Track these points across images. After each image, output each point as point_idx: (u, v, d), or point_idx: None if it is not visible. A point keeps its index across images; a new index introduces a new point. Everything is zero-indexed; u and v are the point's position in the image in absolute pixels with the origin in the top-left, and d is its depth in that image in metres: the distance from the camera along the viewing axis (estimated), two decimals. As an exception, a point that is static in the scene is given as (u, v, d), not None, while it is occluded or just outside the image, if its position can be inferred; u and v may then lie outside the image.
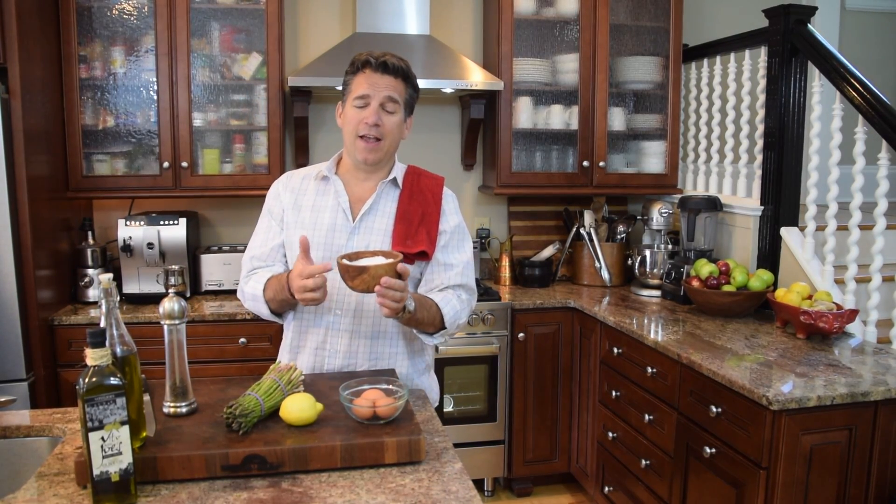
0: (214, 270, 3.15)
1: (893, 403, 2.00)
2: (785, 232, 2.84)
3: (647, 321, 2.79)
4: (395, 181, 1.84)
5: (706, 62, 3.41)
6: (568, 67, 3.43)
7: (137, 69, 3.04)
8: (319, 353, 1.81)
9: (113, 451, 1.20)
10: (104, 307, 1.29)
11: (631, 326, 2.71)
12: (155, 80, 3.03)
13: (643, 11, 3.48)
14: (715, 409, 2.15)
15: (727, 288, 2.75)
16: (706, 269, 2.84)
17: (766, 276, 2.76)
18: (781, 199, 2.85)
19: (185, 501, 1.25)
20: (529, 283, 3.49)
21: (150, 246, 2.98)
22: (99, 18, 3.00)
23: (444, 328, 1.78)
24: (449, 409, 3.16)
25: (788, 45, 2.79)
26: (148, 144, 3.10)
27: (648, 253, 3.32)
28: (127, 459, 1.22)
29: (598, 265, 3.48)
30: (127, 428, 1.21)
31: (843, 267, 2.67)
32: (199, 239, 3.35)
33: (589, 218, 3.52)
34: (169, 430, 1.41)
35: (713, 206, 3.10)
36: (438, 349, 3.06)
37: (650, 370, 2.55)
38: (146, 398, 1.39)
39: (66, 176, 2.98)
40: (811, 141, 2.74)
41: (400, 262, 1.57)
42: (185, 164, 3.06)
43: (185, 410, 1.49)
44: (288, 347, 1.86)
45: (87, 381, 1.18)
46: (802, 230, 2.80)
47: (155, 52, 3.00)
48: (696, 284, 2.84)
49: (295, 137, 3.36)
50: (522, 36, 3.41)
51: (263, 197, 1.93)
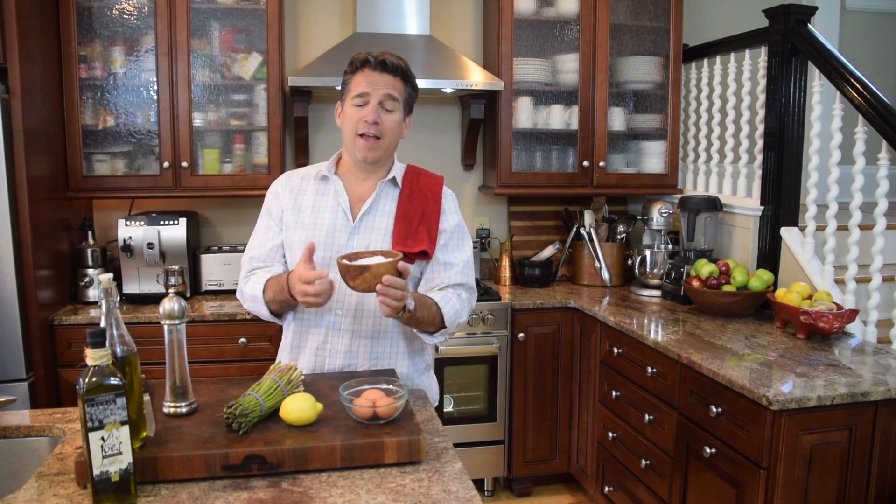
0: (214, 270, 3.15)
1: (893, 403, 2.00)
2: (785, 232, 2.84)
3: (647, 321, 2.79)
4: (394, 180, 1.84)
5: (706, 62, 3.41)
6: (568, 67, 3.43)
7: (137, 69, 3.04)
8: (320, 353, 1.81)
9: (113, 451, 1.20)
10: (104, 307, 1.29)
11: (631, 326, 2.71)
12: (155, 80, 3.03)
13: (643, 11, 3.48)
14: (715, 409, 2.15)
15: (727, 288, 2.75)
16: (706, 269, 2.84)
17: (766, 276, 2.76)
18: (781, 199, 2.85)
19: (185, 501, 1.25)
20: (529, 283, 3.49)
21: (150, 246, 2.98)
22: (99, 18, 3.00)
23: (444, 327, 1.78)
24: (449, 409, 3.16)
25: (788, 45, 2.79)
26: (148, 144, 3.10)
27: (648, 253, 3.32)
28: (127, 459, 1.22)
29: (598, 265, 3.48)
30: (127, 428, 1.21)
31: (843, 267, 2.67)
32: (199, 239, 3.35)
33: (589, 218, 3.52)
34: (169, 430, 1.41)
35: (713, 206, 3.10)
36: (438, 349, 3.06)
37: (650, 370, 2.55)
38: (146, 398, 1.39)
39: (66, 176, 2.98)
40: (811, 141, 2.74)
41: (400, 260, 1.58)
42: (185, 164, 3.06)
43: (185, 410, 1.49)
44: (288, 348, 1.86)
45: (87, 381, 1.18)
46: (802, 230, 2.80)
47: (155, 52, 3.00)
48: (696, 284, 2.84)
49: (295, 137, 3.36)
50: (522, 36, 3.41)
51: (263, 197, 1.93)
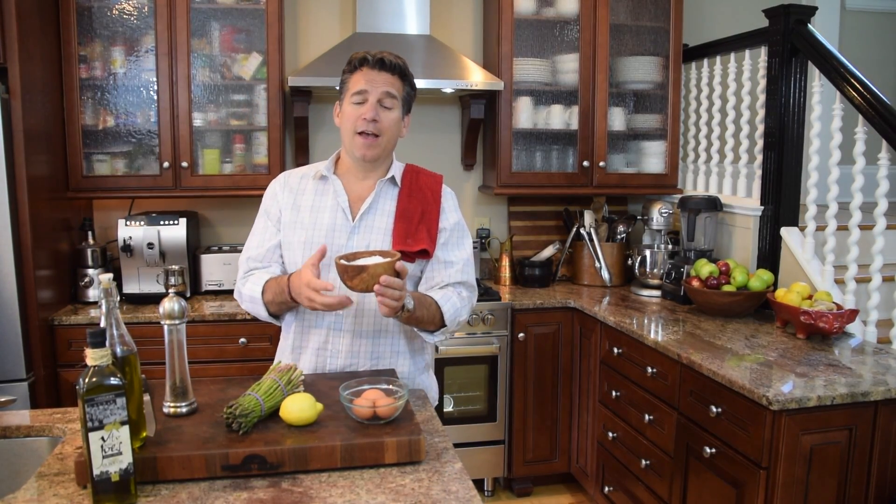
0: (214, 270, 3.15)
1: (893, 403, 2.00)
2: (785, 232, 2.84)
3: (647, 321, 2.79)
4: (393, 179, 1.84)
5: (706, 62, 3.41)
6: (568, 67, 3.43)
7: (137, 69, 3.04)
8: (321, 353, 1.81)
9: (113, 451, 1.20)
10: (104, 307, 1.29)
11: (631, 326, 2.71)
12: (155, 80, 3.03)
13: (643, 11, 3.48)
14: (715, 409, 2.15)
15: (727, 288, 2.75)
16: (706, 269, 2.84)
17: (766, 276, 2.76)
18: (781, 199, 2.85)
19: (185, 501, 1.25)
20: (529, 283, 3.49)
21: (150, 246, 2.98)
22: (99, 18, 3.00)
23: (444, 326, 1.78)
24: (449, 409, 3.16)
25: (788, 45, 2.79)
26: (148, 144, 3.10)
27: (648, 253, 3.32)
28: (127, 459, 1.22)
29: (598, 265, 3.48)
30: (127, 428, 1.21)
31: (843, 267, 2.67)
32: (199, 239, 3.35)
33: (589, 218, 3.52)
34: (169, 430, 1.41)
35: (713, 206, 3.10)
36: (438, 349, 3.07)
37: (650, 370, 2.55)
38: (146, 398, 1.39)
39: (66, 176, 2.98)
40: (811, 141, 2.74)
41: (398, 260, 1.58)
42: (185, 164, 3.06)
43: (185, 410, 1.49)
44: (290, 348, 1.86)
45: (87, 381, 1.18)
46: (802, 230, 2.80)
47: (155, 52, 3.00)
48: (696, 284, 2.84)
49: (295, 137, 3.36)
50: (522, 36, 3.41)
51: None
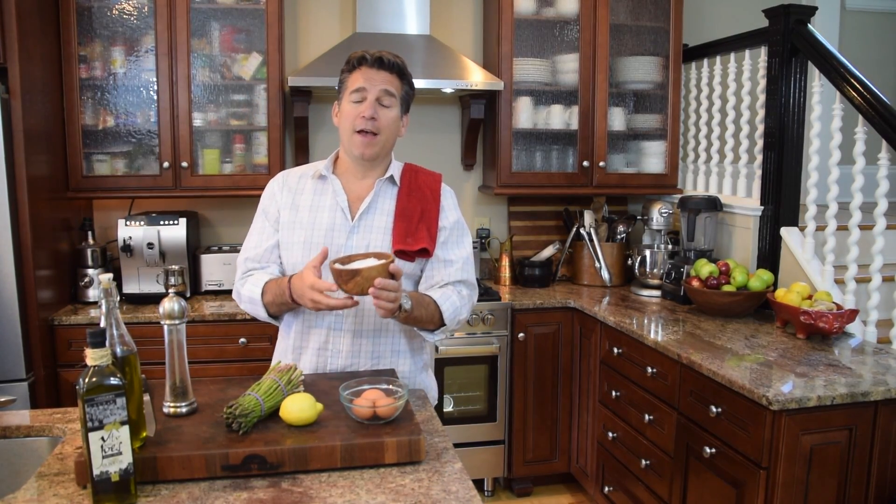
0: (214, 270, 3.15)
1: (893, 403, 2.00)
2: (785, 232, 2.84)
3: (647, 321, 2.79)
4: (392, 179, 1.84)
5: (706, 62, 3.41)
6: (568, 67, 3.43)
7: (137, 69, 3.04)
8: (322, 353, 1.81)
9: (113, 451, 1.20)
10: (104, 307, 1.29)
11: (631, 326, 2.71)
12: (155, 80, 3.03)
13: (643, 11, 3.48)
14: (715, 409, 2.15)
15: (727, 288, 2.75)
16: (706, 269, 2.84)
17: (766, 276, 2.76)
18: (781, 199, 2.85)
19: (185, 501, 1.25)
20: (529, 283, 3.49)
21: (150, 246, 2.98)
22: (99, 18, 3.00)
23: (443, 325, 1.78)
24: (449, 409, 3.16)
25: (788, 45, 2.79)
26: (148, 144, 3.10)
27: (648, 253, 3.32)
28: (127, 459, 1.22)
29: (598, 265, 3.48)
30: (127, 428, 1.21)
31: (843, 267, 2.67)
32: (199, 239, 3.35)
33: (589, 218, 3.52)
34: (169, 430, 1.41)
35: (713, 206, 3.10)
36: (438, 349, 3.07)
37: (650, 370, 2.55)
38: (146, 398, 1.39)
39: (66, 176, 2.98)
40: (811, 141, 2.74)
41: (392, 262, 1.58)
42: (185, 164, 3.06)
43: (185, 410, 1.49)
44: (290, 349, 1.86)
45: (87, 381, 1.18)
46: (802, 230, 2.80)
47: (155, 52, 3.00)
48: (696, 284, 2.84)
49: (295, 137, 3.36)
50: (522, 36, 3.41)
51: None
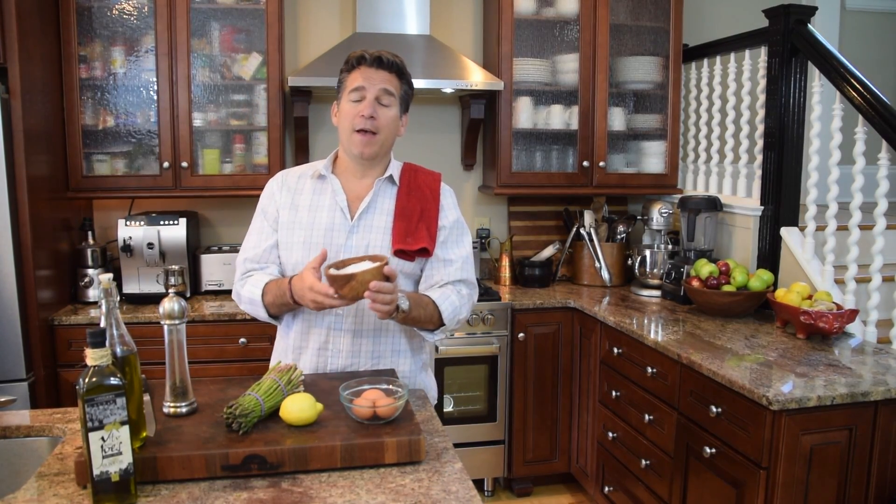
0: (214, 270, 3.15)
1: (893, 403, 2.00)
2: (785, 232, 2.84)
3: (647, 321, 2.79)
4: (391, 178, 1.84)
5: (706, 62, 3.41)
6: (568, 67, 3.43)
7: (137, 69, 3.04)
8: (322, 353, 1.81)
9: (113, 451, 1.20)
10: (104, 307, 1.29)
11: (631, 326, 2.71)
12: (155, 80, 3.03)
13: (643, 11, 3.48)
14: (715, 409, 2.15)
15: (727, 288, 2.75)
16: (706, 269, 2.84)
17: (766, 276, 2.76)
18: (781, 199, 2.85)
19: (185, 501, 1.25)
20: (529, 283, 3.49)
21: (150, 246, 2.98)
22: (99, 18, 3.00)
23: (443, 325, 1.78)
24: (449, 409, 3.16)
25: (788, 45, 2.79)
26: (148, 144, 3.10)
27: (648, 253, 3.32)
28: (127, 459, 1.22)
29: (598, 265, 3.48)
30: (127, 428, 1.21)
31: (843, 267, 2.67)
32: (199, 239, 3.35)
33: (589, 218, 3.52)
34: (169, 430, 1.41)
35: (713, 206, 3.10)
36: (438, 349, 3.07)
37: (650, 370, 2.55)
38: (146, 398, 1.39)
39: (66, 176, 2.98)
40: (811, 141, 2.74)
41: (386, 264, 1.58)
42: (185, 164, 3.06)
43: (185, 410, 1.49)
44: (290, 348, 1.86)
45: (87, 381, 1.18)
46: (802, 230, 2.80)
47: (155, 52, 3.00)
48: (696, 284, 2.84)
49: (295, 137, 3.36)
50: (522, 36, 3.41)
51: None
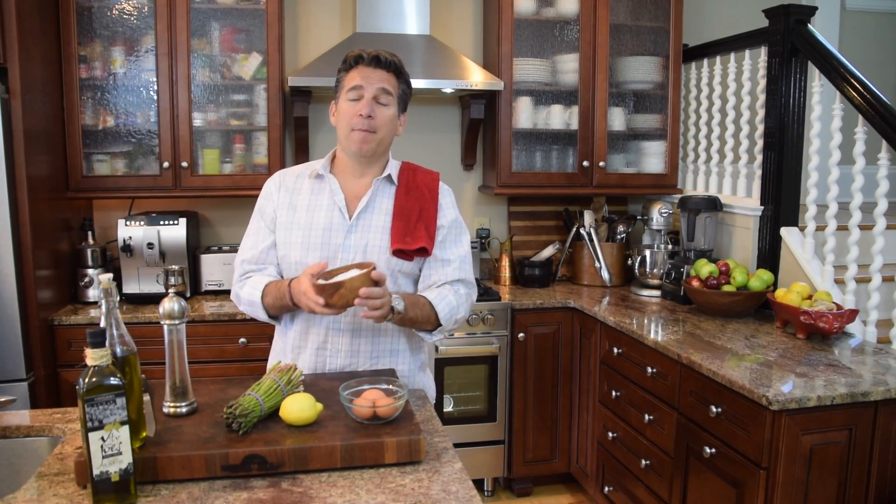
0: (214, 270, 3.15)
1: (893, 403, 2.00)
2: (785, 232, 2.84)
3: (647, 321, 2.79)
4: (389, 178, 1.84)
5: (706, 62, 3.41)
6: (568, 67, 3.43)
7: (137, 69, 3.04)
8: (321, 352, 1.81)
9: (113, 451, 1.20)
10: (104, 307, 1.29)
11: (631, 326, 2.71)
12: (155, 80, 3.03)
13: (643, 11, 3.48)
14: (715, 409, 2.15)
15: (727, 288, 2.75)
16: (706, 269, 2.84)
17: (766, 276, 2.76)
18: (781, 199, 2.85)
19: (185, 501, 1.25)
20: (529, 283, 3.49)
21: (150, 246, 2.98)
22: (99, 18, 3.00)
23: (440, 325, 1.78)
24: (449, 409, 3.16)
25: (788, 45, 2.79)
26: (148, 144, 3.10)
27: (648, 253, 3.32)
28: (127, 459, 1.22)
29: (598, 265, 3.48)
30: (127, 428, 1.21)
31: (843, 267, 2.67)
32: (199, 239, 3.35)
33: (589, 218, 3.52)
34: (169, 430, 1.41)
35: (713, 206, 3.10)
36: (438, 349, 3.07)
37: (650, 370, 2.55)
38: (146, 398, 1.39)
39: (66, 176, 2.98)
40: (811, 141, 2.74)
41: (373, 269, 1.58)
42: (185, 164, 3.06)
43: (185, 410, 1.49)
44: (290, 348, 1.86)
45: (87, 381, 1.18)
46: (802, 230, 2.80)
47: (155, 52, 3.00)
48: (696, 284, 2.84)
49: (295, 137, 3.36)
50: (522, 36, 3.41)
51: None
